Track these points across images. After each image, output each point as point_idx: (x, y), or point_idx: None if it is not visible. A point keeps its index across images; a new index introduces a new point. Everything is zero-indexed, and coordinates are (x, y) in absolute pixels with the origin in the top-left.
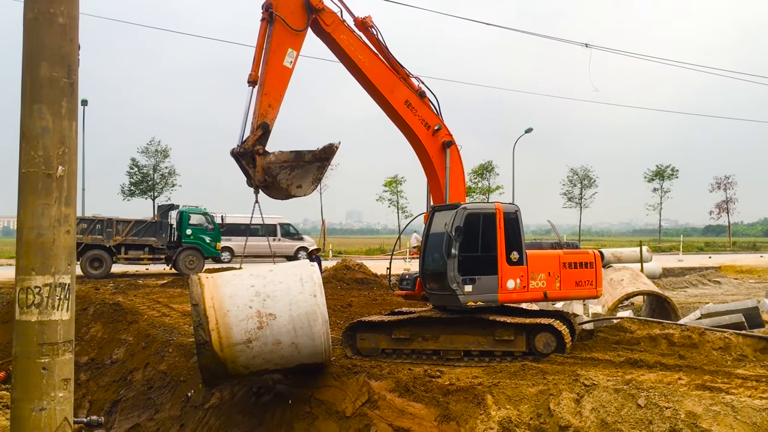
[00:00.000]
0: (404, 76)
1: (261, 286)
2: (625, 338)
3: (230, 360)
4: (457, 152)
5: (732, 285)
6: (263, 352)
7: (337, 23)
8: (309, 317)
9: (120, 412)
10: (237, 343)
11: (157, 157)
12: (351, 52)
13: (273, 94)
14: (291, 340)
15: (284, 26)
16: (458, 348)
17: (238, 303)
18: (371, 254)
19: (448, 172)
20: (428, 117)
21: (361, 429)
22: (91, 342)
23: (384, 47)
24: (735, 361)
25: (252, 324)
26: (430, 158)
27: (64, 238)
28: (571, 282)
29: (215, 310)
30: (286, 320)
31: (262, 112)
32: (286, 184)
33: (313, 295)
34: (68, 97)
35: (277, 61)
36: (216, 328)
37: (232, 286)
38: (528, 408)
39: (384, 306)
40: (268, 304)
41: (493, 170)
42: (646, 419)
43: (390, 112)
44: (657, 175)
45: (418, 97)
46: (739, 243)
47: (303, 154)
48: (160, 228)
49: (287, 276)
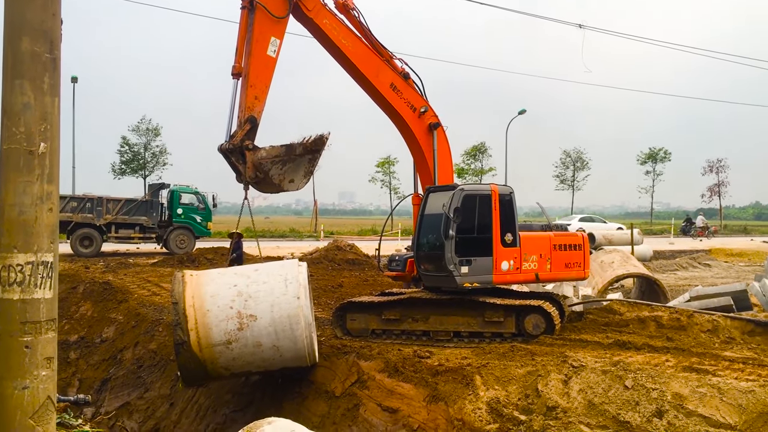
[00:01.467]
0: (388, 58)
1: (244, 286)
2: (614, 320)
3: (209, 361)
4: (444, 134)
5: (722, 268)
6: (243, 354)
7: (319, 7)
8: (291, 320)
9: (110, 391)
10: (216, 344)
11: (148, 136)
12: (334, 36)
13: (258, 85)
14: (272, 343)
15: (266, 14)
16: (448, 329)
17: (218, 303)
18: (363, 235)
19: (436, 153)
20: (414, 99)
21: (351, 409)
22: (81, 320)
23: (367, 30)
24: (723, 343)
25: (232, 325)
26: (417, 140)
27: (46, 215)
28: (561, 264)
29: (195, 309)
30: (267, 322)
31: (249, 105)
32: (278, 179)
33: (296, 297)
34: (50, 73)
35: (260, 50)
36: (195, 327)
37: (215, 284)
38: (516, 389)
39: (375, 287)
40: (250, 304)
41: (486, 152)
42: (633, 400)
43: (375, 95)
44: (650, 157)
45: (403, 79)
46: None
47: (294, 147)
48: (150, 207)
49: (271, 276)
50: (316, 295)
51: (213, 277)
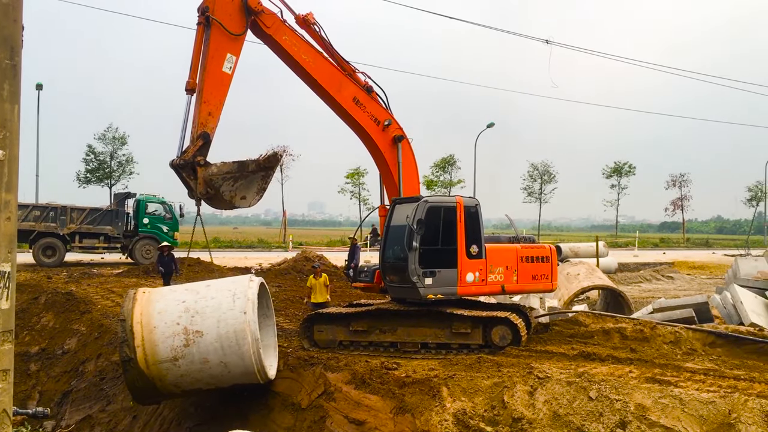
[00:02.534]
0: (350, 72)
1: (192, 302)
2: (580, 332)
3: (158, 378)
4: (409, 146)
5: (684, 280)
6: (191, 371)
7: (278, 24)
8: (237, 335)
9: (71, 403)
10: (163, 361)
11: (115, 144)
12: (294, 53)
13: (212, 101)
14: (219, 359)
15: (222, 30)
16: (415, 340)
17: (166, 319)
18: (332, 245)
19: (401, 166)
20: (377, 112)
21: (317, 421)
22: (42, 332)
23: (328, 44)
24: (685, 354)
25: (178, 341)
26: (381, 153)
27: (4, 225)
28: (528, 275)
29: (142, 326)
30: (213, 338)
31: (202, 121)
32: (229, 195)
33: (243, 312)
34: (10, 80)
35: (215, 67)
36: (141, 344)
37: (165, 301)
38: (483, 400)
39: (343, 298)
40: (197, 320)
41: (455, 164)
42: (597, 411)
43: (338, 110)
44: (615, 171)
45: (366, 92)
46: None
47: (246, 164)
48: (116, 216)
49: (220, 292)
50: (283, 306)
51: (164, 293)
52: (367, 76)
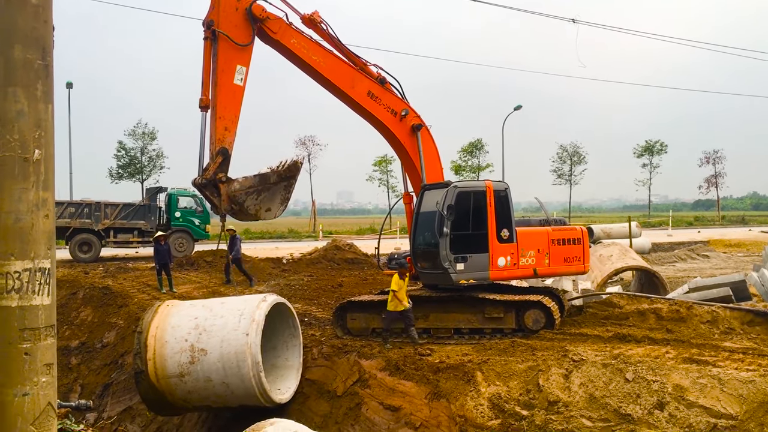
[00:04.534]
0: (361, 66)
1: (203, 319)
2: (614, 313)
3: (168, 392)
4: (429, 133)
5: (720, 259)
6: (197, 389)
7: (285, 28)
8: (238, 357)
9: (112, 395)
10: (171, 376)
11: (145, 140)
12: (304, 55)
13: (228, 116)
14: (221, 379)
15: (229, 43)
16: (448, 326)
17: (176, 335)
18: (362, 234)
19: (422, 154)
20: (393, 103)
21: (353, 408)
22: (82, 326)
23: (337, 41)
24: (722, 334)
25: (185, 358)
26: (401, 144)
27: (42, 222)
28: (559, 258)
29: (155, 339)
30: (216, 357)
31: (219, 137)
32: (254, 210)
33: (245, 333)
34: (43, 80)
35: (227, 81)
36: (152, 358)
37: (179, 316)
38: (517, 384)
39: (375, 285)
40: (203, 338)
41: (483, 148)
42: (634, 393)
43: (354, 106)
44: (646, 150)
45: (380, 85)
46: (728, 217)
47: (267, 176)
48: (148, 211)
49: (231, 311)
50: (315, 295)
51: (182, 308)
52: (379, 67)
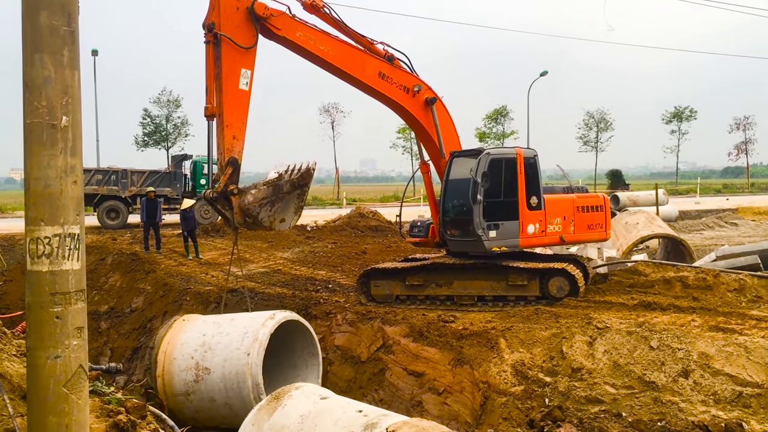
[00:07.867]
0: (368, 45)
1: (210, 336)
2: (639, 281)
3: (177, 410)
4: (443, 105)
5: (749, 227)
6: (203, 408)
7: (289, 22)
8: (239, 378)
9: (141, 359)
10: (178, 394)
11: (170, 107)
12: (311, 47)
13: (235, 124)
14: (224, 400)
15: (232, 46)
16: (472, 293)
17: (184, 352)
18: (386, 201)
19: (438, 128)
20: (405, 80)
21: (377, 373)
22: (111, 291)
23: (341, 23)
24: (749, 302)
25: (190, 376)
26: (417, 120)
27: (71, 188)
28: (583, 225)
29: (165, 355)
30: (218, 377)
31: (228, 147)
32: (269, 222)
33: (246, 353)
34: (69, 46)
35: (231, 86)
36: (161, 374)
37: (191, 332)
38: (541, 351)
39: (398, 253)
40: (208, 356)
41: (508, 115)
42: (659, 360)
43: (365, 89)
44: (675, 116)
45: (389, 63)
46: (757, 184)
47: (281, 186)
48: (174, 178)
49: (237, 328)
50: (339, 262)
51: (197, 323)
52: (386, 44)
